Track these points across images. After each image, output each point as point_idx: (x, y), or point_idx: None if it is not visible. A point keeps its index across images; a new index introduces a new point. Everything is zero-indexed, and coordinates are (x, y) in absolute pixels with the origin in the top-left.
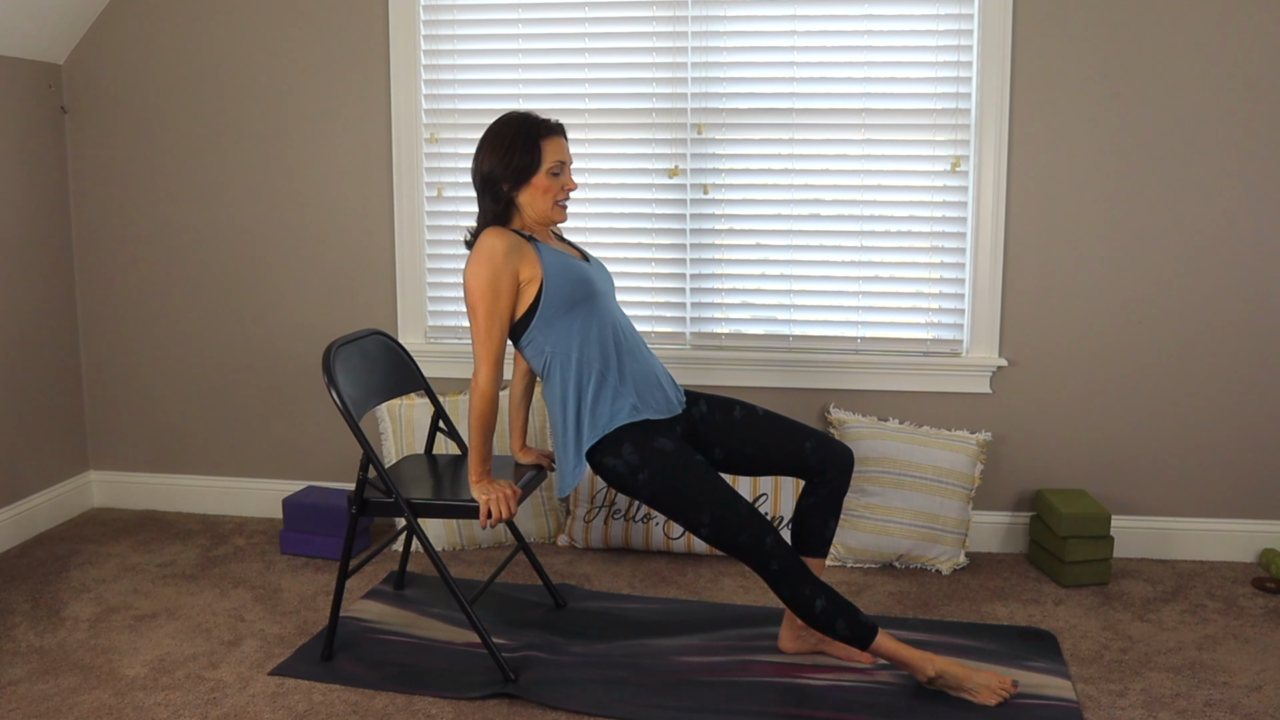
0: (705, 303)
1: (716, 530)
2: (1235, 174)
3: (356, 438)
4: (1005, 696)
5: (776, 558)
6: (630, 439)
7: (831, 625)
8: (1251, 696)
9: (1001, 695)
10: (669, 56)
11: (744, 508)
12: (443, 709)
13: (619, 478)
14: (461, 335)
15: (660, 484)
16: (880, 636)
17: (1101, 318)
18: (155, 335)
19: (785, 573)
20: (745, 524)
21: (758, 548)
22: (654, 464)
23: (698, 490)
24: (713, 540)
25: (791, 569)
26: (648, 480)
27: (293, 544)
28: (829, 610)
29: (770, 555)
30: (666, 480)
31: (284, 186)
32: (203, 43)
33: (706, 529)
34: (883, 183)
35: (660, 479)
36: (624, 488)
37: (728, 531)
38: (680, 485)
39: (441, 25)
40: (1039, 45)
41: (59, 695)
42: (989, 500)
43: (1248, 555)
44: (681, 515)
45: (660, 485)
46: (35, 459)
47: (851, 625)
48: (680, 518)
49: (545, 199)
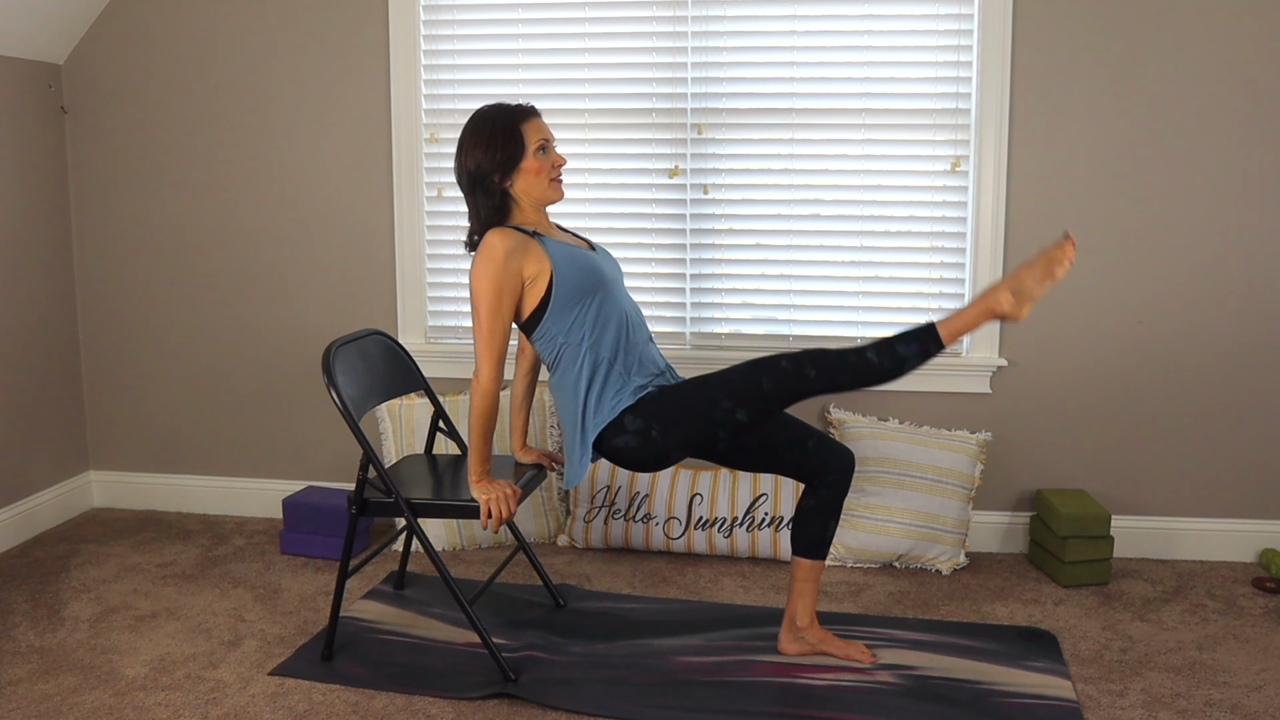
0: (705, 302)
1: (743, 402)
2: (1235, 173)
3: (356, 438)
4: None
5: (807, 365)
6: (628, 412)
7: (900, 360)
8: (1251, 696)
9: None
10: (669, 56)
11: (743, 367)
12: (443, 709)
13: (634, 450)
14: (461, 335)
15: (670, 421)
16: (940, 326)
17: (1101, 318)
18: (155, 335)
19: (825, 370)
20: (760, 374)
21: (786, 377)
22: (655, 413)
23: (700, 397)
24: (753, 416)
25: (826, 363)
26: (661, 430)
27: (293, 544)
28: (881, 350)
29: (800, 372)
30: (675, 415)
31: (284, 186)
32: (203, 43)
33: (741, 411)
34: (883, 182)
35: (667, 418)
36: (646, 456)
37: (753, 394)
38: (685, 407)
39: (441, 25)
40: (1039, 45)
41: (59, 695)
42: (989, 500)
43: (1248, 555)
44: (710, 427)
45: (671, 422)
46: (35, 459)
47: (908, 342)
48: (713, 430)
49: (539, 180)
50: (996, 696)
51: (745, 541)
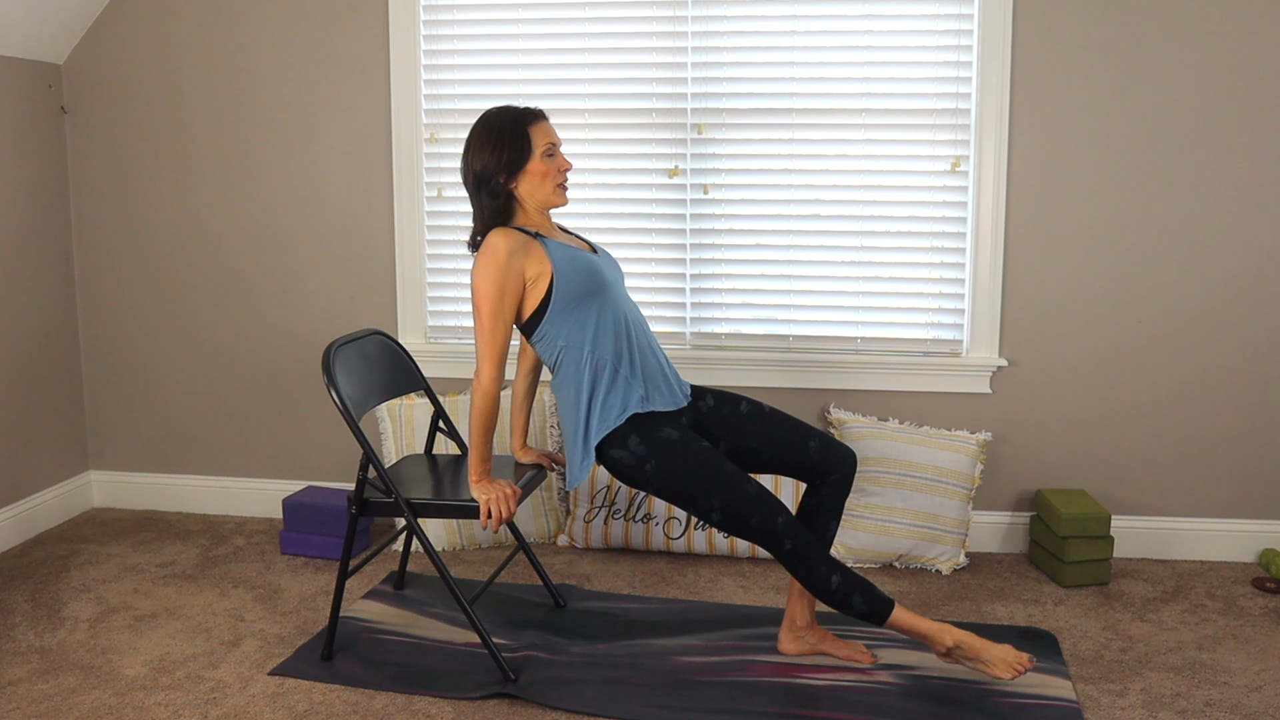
0: (705, 303)
1: (728, 514)
2: (1235, 173)
3: (356, 438)
4: (1021, 672)
5: (790, 537)
6: (637, 430)
7: (848, 601)
8: (1251, 696)
9: (1017, 670)
10: (669, 56)
11: (753, 488)
12: (443, 709)
13: (626, 469)
14: (461, 335)
15: (668, 473)
16: (897, 610)
17: (1101, 318)
18: (155, 335)
19: (799, 551)
20: (756, 505)
21: (770, 528)
22: (661, 453)
23: (706, 476)
24: (724, 525)
25: (805, 547)
26: (655, 470)
27: (293, 544)
28: (845, 586)
29: (783, 535)
30: (674, 468)
31: (284, 186)
32: (203, 43)
33: (718, 514)
34: (883, 182)
35: (668, 468)
36: (632, 480)
37: (739, 514)
38: (688, 472)
39: (441, 25)
40: (1039, 45)
41: (59, 695)
42: (989, 500)
43: (1248, 555)
44: (691, 503)
45: (668, 474)
46: (35, 459)
47: (868, 600)
48: (690, 506)
49: (545, 183)
50: (996, 696)
51: (745, 541)
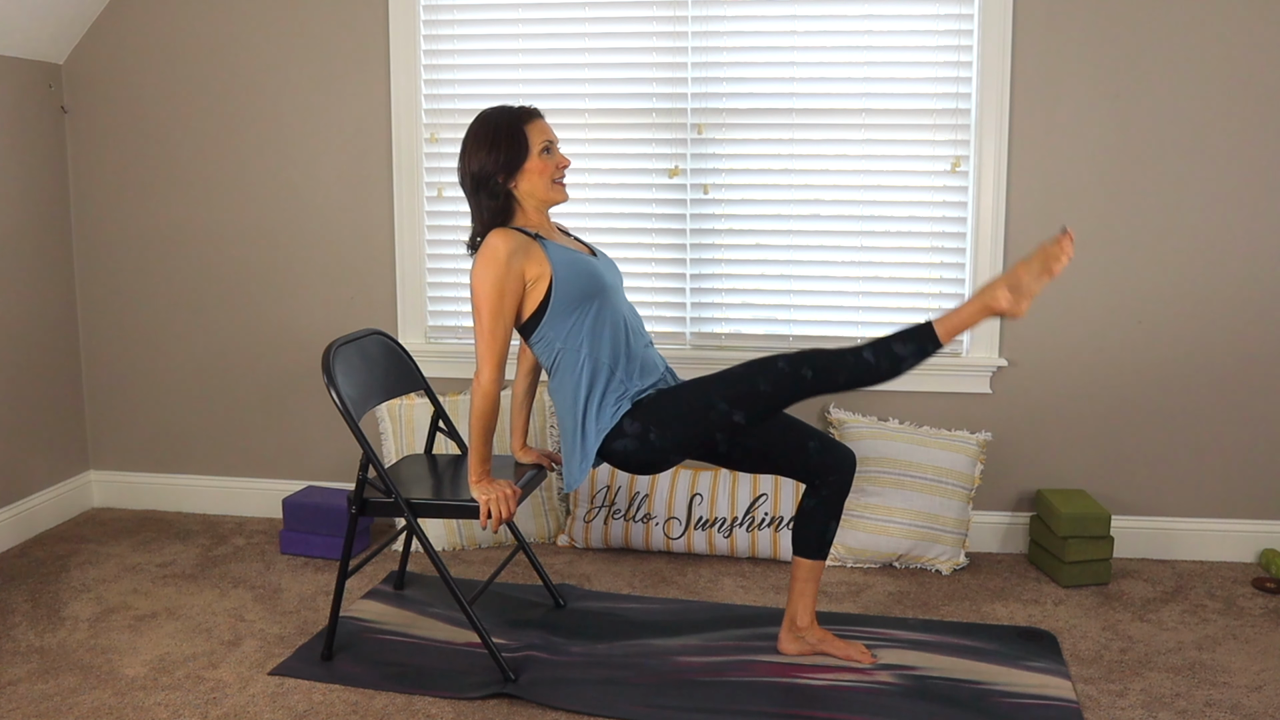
0: (705, 303)
1: (740, 404)
2: (1235, 173)
3: (356, 438)
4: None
5: (803, 366)
6: (626, 416)
7: (894, 356)
8: (1251, 696)
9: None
10: (669, 56)
11: (738, 370)
12: (443, 709)
13: (634, 453)
14: (461, 335)
15: (670, 424)
16: (938, 324)
17: (1101, 318)
18: (155, 335)
19: (823, 367)
20: (757, 376)
21: (782, 378)
22: (652, 416)
23: (697, 400)
24: (750, 417)
25: (823, 361)
26: (659, 433)
27: (293, 544)
28: (878, 351)
29: (798, 373)
30: (672, 417)
31: (284, 186)
32: (203, 43)
33: (738, 413)
34: (883, 182)
35: (666, 422)
36: (645, 459)
37: (750, 396)
38: (685, 410)
39: (441, 25)
40: (1039, 45)
41: (59, 695)
42: (989, 500)
43: (1248, 555)
44: (708, 431)
45: (671, 425)
46: (35, 459)
47: (905, 341)
48: (713, 433)
49: (543, 181)
50: (996, 696)
51: (745, 541)
